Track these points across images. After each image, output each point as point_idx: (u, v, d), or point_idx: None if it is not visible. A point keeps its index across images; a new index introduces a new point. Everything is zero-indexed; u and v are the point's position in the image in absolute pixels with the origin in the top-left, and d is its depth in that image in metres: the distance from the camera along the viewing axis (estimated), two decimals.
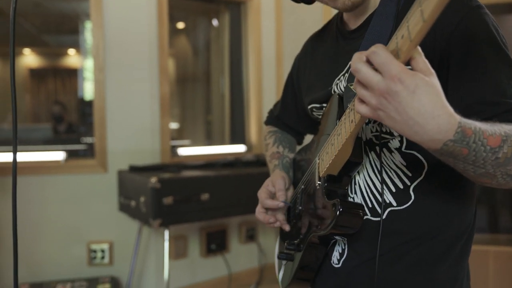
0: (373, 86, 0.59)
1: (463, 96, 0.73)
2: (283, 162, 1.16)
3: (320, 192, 0.89)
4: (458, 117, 0.61)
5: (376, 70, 0.60)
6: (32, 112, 6.21)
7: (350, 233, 0.85)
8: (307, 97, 1.07)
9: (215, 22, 3.70)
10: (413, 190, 0.86)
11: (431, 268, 0.87)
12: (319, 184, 0.89)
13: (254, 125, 3.28)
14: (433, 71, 0.60)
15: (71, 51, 6.35)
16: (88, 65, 5.39)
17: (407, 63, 0.60)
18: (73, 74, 6.13)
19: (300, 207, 1.00)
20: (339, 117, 0.86)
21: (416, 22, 0.56)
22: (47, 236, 2.58)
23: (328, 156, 0.85)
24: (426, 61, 0.60)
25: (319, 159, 0.92)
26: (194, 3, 3.36)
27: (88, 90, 5.61)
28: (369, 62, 0.61)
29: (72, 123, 4.74)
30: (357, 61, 0.61)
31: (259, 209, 1.06)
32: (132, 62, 2.73)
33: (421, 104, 0.57)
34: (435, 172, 0.85)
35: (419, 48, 0.59)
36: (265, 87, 3.28)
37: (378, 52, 0.58)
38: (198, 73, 4.41)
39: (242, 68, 3.35)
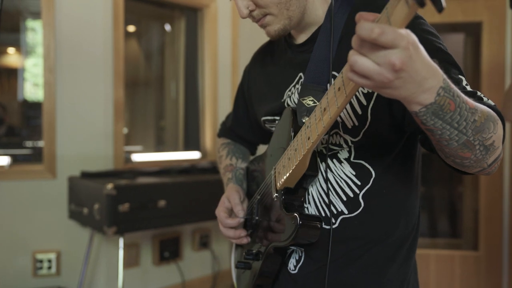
0: (384, 59, 0.54)
1: None
2: (236, 175, 1.17)
3: (277, 204, 0.92)
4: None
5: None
6: None
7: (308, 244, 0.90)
8: (260, 109, 1.10)
9: (167, 27, 3.67)
10: (362, 198, 0.91)
11: (382, 269, 0.93)
12: (276, 196, 0.92)
13: (209, 132, 3.28)
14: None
15: (11, 50, 6.02)
16: (28, 66, 5.13)
17: None
18: (13, 74, 5.80)
19: (257, 217, 1.03)
20: (294, 131, 0.90)
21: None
22: None
23: (285, 169, 0.89)
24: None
25: (275, 172, 0.95)
26: (148, 7, 3.31)
27: (28, 92, 5.33)
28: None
29: (13, 125, 4.48)
30: (362, 31, 0.55)
31: (224, 228, 1.07)
32: (85, 64, 2.65)
33: (424, 55, 0.58)
34: (381, 179, 0.91)
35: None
36: (220, 94, 3.29)
37: (386, 31, 0.53)
38: (150, 77, 4.34)
39: (198, 74, 3.35)
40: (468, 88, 0.79)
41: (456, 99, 0.63)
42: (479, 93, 0.79)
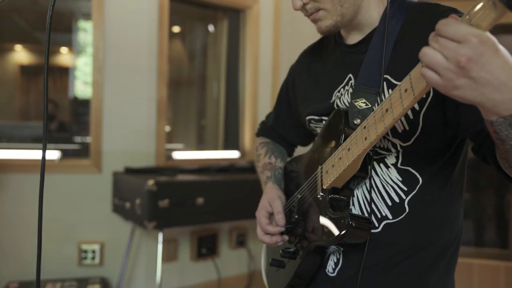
0: (453, 53, 0.55)
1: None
2: (275, 174, 1.17)
3: (323, 204, 0.92)
4: None
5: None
6: (22, 110, 6.15)
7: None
8: (305, 108, 1.09)
9: (211, 28, 3.74)
10: (407, 204, 0.90)
11: (422, 277, 0.92)
12: (322, 195, 0.92)
13: (249, 132, 3.31)
14: None
15: (64, 50, 6.32)
16: (80, 64, 5.38)
17: None
18: (65, 72, 6.09)
19: (296, 216, 1.03)
20: (345, 132, 0.89)
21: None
22: None
23: (334, 169, 0.89)
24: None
25: (321, 171, 0.95)
26: (192, 9, 3.39)
27: (79, 89, 5.59)
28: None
29: (63, 122, 4.71)
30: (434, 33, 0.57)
31: (261, 233, 1.06)
32: (130, 64, 2.75)
33: (505, 61, 0.56)
34: (428, 186, 0.90)
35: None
36: (260, 94, 3.32)
37: (458, 25, 0.54)
38: (193, 77, 4.44)
39: (239, 75, 3.39)
40: None
41: None
42: None
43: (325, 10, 0.90)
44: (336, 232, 0.86)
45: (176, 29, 4.49)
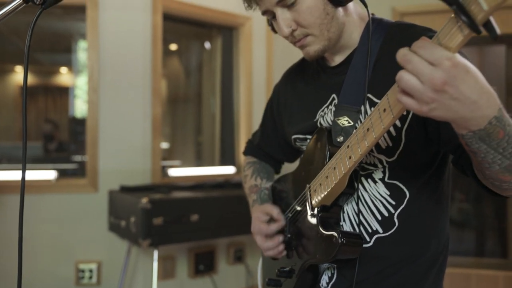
0: (431, 78, 0.57)
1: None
2: (261, 196, 1.18)
3: (313, 222, 0.94)
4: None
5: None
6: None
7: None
8: (290, 127, 1.11)
9: (207, 45, 3.80)
10: (397, 217, 0.92)
11: None
12: (312, 213, 0.94)
13: (244, 147, 3.33)
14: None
15: (63, 70, 6.40)
16: (79, 83, 5.44)
17: None
18: (64, 92, 6.17)
19: (289, 235, 1.04)
20: (330, 150, 0.92)
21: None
22: (35, 254, 2.59)
23: (322, 187, 0.91)
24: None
25: (310, 189, 0.97)
26: (187, 27, 3.44)
27: (79, 108, 5.65)
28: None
29: (62, 141, 4.75)
30: (406, 53, 0.60)
31: (263, 240, 1.05)
32: (125, 83, 2.79)
33: (475, 81, 0.59)
34: (415, 200, 0.92)
35: None
36: (255, 109, 3.35)
37: (432, 48, 0.58)
38: (190, 93, 4.48)
39: (233, 91, 3.43)
40: None
41: (507, 128, 0.64)
42: None
43: (313, 35, 0.91)
44: (328, 250, 0.88)
45: (173, 46, 4.56)
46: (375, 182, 0.93)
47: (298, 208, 1.02)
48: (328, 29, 0.91)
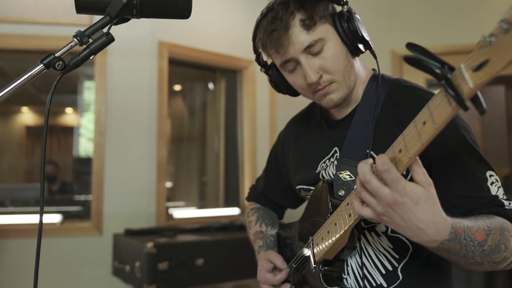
0: (381, 197, 0.67)
1: (445, 193, 0.80)
2: (267, 242, 1.19)
3: (316, 275, 0.95)
4: (450, 219, 0.70)
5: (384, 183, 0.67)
6: (26, 171, 6.22)
7: None
8: (295, 176, 1.14)
9: (211, 86, 3.87)
10: (400, 271, 0.93)
11: None
12: (315, 267, 0.95)
13: (248, 188, 3.33)
14: (431, 181, 0.68)
15: (69, 110, 6.50)
16: (84, 122, 5.51)
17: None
18: (69, 132, 6.23)
19: (293, 286, 1.05)
20: (332, 204, 0.94)
21: (414, 142, 0.64)
22: None
23: (324, 241, 0.92)
24: (425, 172, 0.68)
25: (312, 242, 0.98)
26: (192, 70, 3.53)
27: (83, 147, 5.69)
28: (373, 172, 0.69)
29: (65, 182, 4.75)
30: (366, 172, 0.68)
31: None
32: (131, 125, 2.83)
33: (423, 213, 0.67)
34: (418, 253, 0.93)
35: (418, 160, 0.67)
36: (259, 150, 3.37)
37: (391, 170, 0.66)
38: (194, 133, 4.53)
39: (237, 132, 3.47)
40: (492, 187, 0.84)
41: (463, 241, 0.71)
42: (500, 197, 0.83)
43: (337, 82, 0.94)
44: None
45: (177, 87, 4.65)
46: (378, 235, 0.95)
47: (302, 260, 1.03)
48: (349, 76, 0.95)
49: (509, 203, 0.83)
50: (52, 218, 2.69)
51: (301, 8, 0.91)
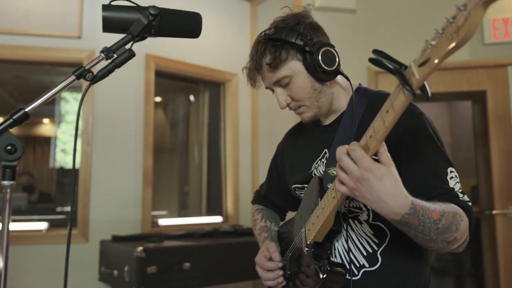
0: (351, 173, 0.83)
1: (410, 183, 0.93)
2: (271, 235, 1.36)
3: (308, 257, 1.09)
4: (410, 197, 0.85)
5: (353, 161, 0.83)
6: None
7: None
8: (291, 178, 1.31)
9: (191, 98, 3.98)
10: (380, 254, 1.09)
11: None
12: (307, 250, 1.09)
13: (231, 197, 3.44)
14: (392, 162, 0.85)
15: (46, 120, 6.45)
16: (60, 134, 5.49)
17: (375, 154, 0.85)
18: (46, 142, 6.18)
19: (289, 272, 1.20)
20: (321, 194, 1.09)
21: (380, 128, 0.81)
22: None
23: (314, 226, 1.07)
24: (389, 155, 0.84)
25: (305, 229, 1.13)
26: (174, 82, 3.63)
27: (60, 158, 5.65)
28: (348, 154, 0.85)
29: (44, 192, 4.72)
30: (341, 153, 0.85)
31: (263, 271, 1.22)
32: (118, 135, 2.91)
33: (386, 187, 0.82)
34: (396, 239, 1.09)
35: (384, 144, 0.84)
36: (241, 160, 3.49)
37: (356, 149, 0.82)
38: (176, 144, 4.60)
39: (220, 142, 3.58)
40: (451, 181, 1.01)
41: (421, 217, 0.86)
42: (456, 189, 1.01)
43: (305, 106, 1.15)
44: (318, 278, 1.03)
45: (157, 99, 4.72)
46: (361, 223, 1.11)
47: (297, 247, 1.18)
48: (317, 100, 1.14)
49: (463, 196, 1.00)
50: (38, 225, 2.73)
51: (267, 52, 1.10)
